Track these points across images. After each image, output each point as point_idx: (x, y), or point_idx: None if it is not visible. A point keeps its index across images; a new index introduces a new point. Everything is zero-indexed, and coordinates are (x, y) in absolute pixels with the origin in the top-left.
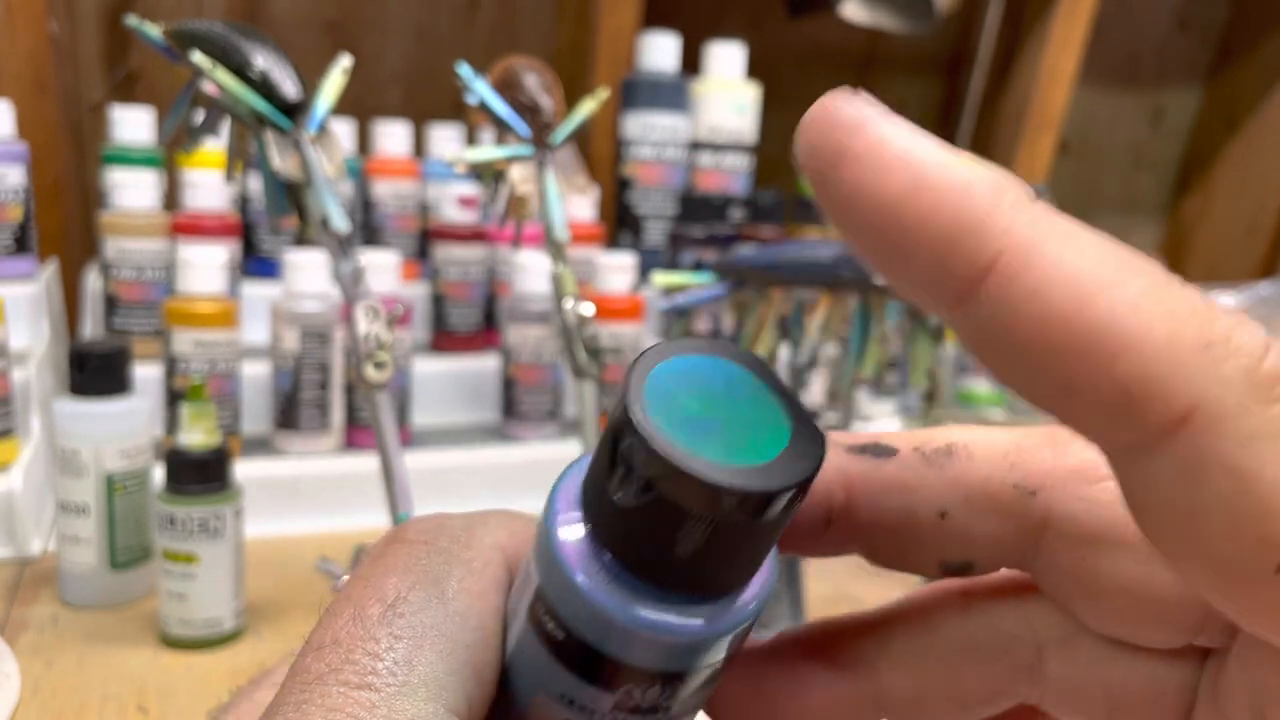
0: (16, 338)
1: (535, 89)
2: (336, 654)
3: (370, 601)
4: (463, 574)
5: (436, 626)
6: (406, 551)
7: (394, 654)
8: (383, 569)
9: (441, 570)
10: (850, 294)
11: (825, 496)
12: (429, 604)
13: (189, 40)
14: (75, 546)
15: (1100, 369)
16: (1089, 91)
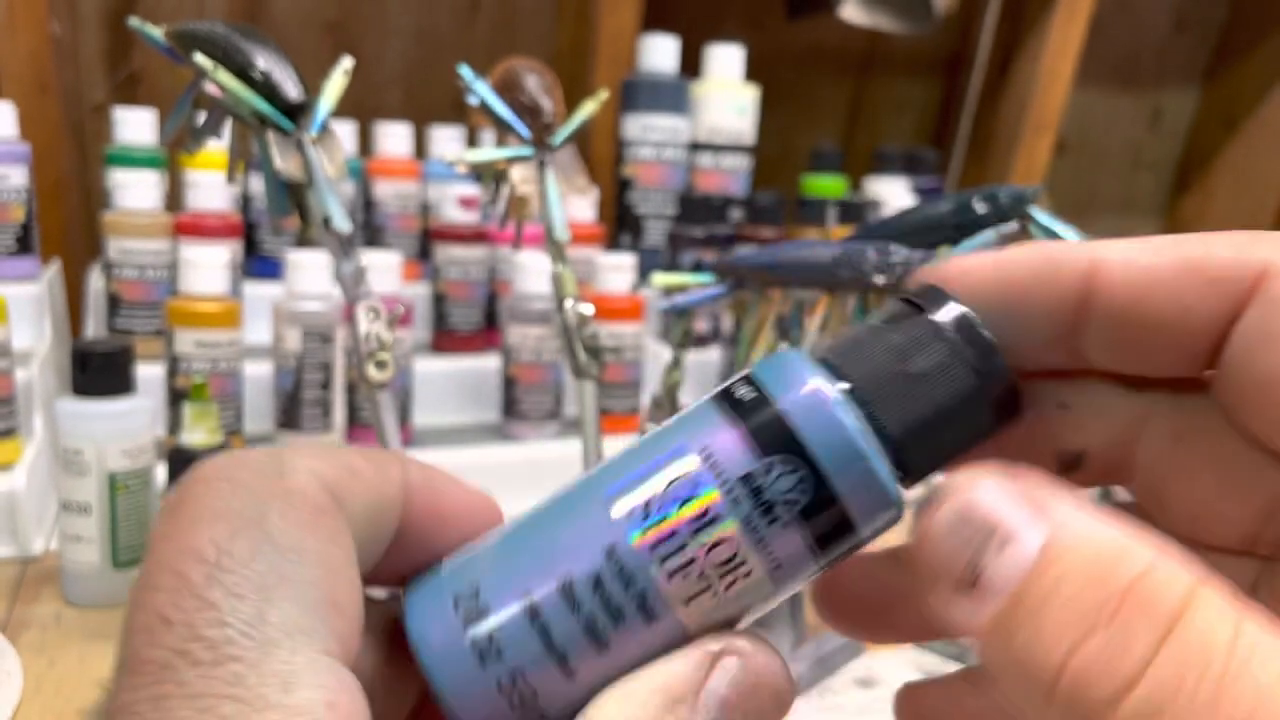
0: (19, 338)
1: (536, 90)
2: (173, 634)
3: (189, 564)
4: (282, 507)
5: (273, 570)
6: (209, 493)
7: (240, 614)
8: (188, 521)
9: (256, 508)
10: (849, 294)
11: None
12: (257, 549)
13: (191, 41)
14: (77, 545)
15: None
16: (1087, 92)
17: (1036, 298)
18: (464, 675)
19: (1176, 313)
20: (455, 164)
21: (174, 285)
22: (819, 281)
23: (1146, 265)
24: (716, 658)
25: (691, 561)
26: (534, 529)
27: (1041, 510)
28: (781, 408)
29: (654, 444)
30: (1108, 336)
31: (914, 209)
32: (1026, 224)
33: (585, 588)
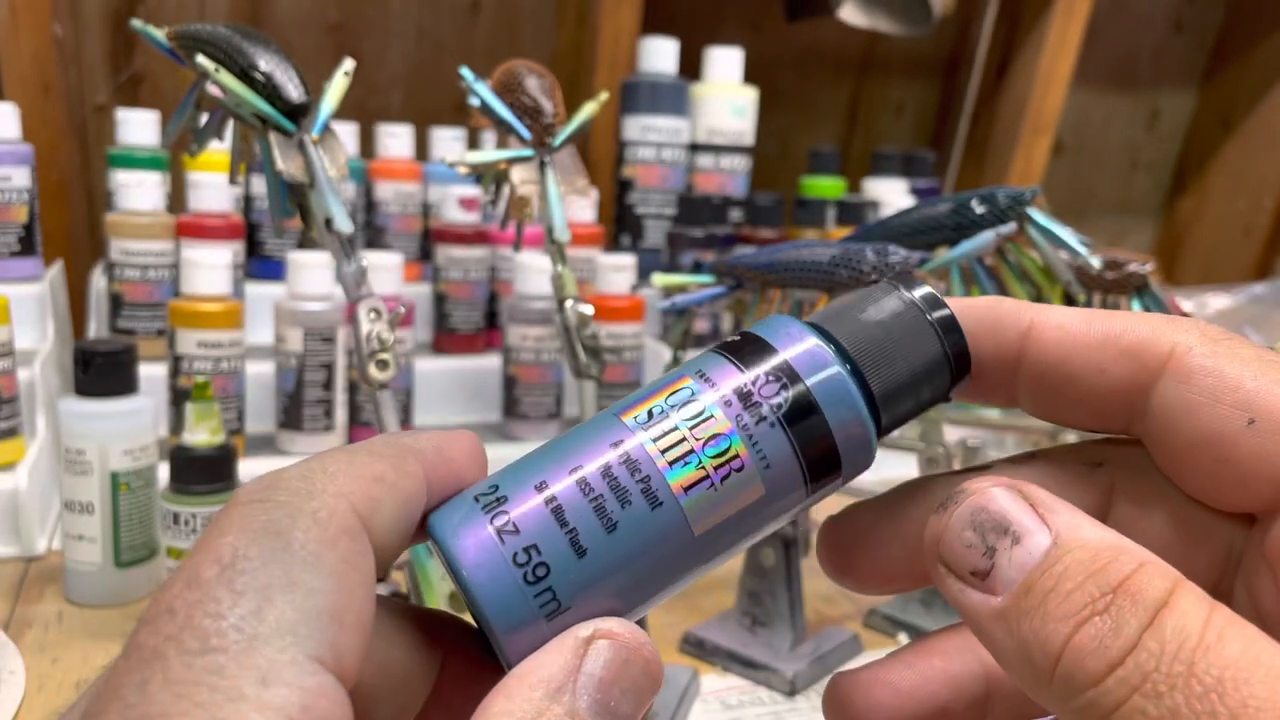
0: (22, 338)
1: (536, 92)
2: (173, 622)
3: (205, 564)
4: (308, 524)
5: (285, 576)
6: (241, 512)
7: (238, 610)
8: (217, 532)
9: (283, 524)
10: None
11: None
12: (273, 557)
13: (193, 43)
14: (80, 545)
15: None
16: (1085, 93)
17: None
18: (481, 550)
19: (1094, 374)
20: (456, 165)
21: (176, 286)
22: (818, 282)
23: (1074, 331)
24: (588, 643)
25: (690, 451)
26: (550, 444)
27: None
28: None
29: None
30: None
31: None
32: (1024, 225)
33: (596, 475)
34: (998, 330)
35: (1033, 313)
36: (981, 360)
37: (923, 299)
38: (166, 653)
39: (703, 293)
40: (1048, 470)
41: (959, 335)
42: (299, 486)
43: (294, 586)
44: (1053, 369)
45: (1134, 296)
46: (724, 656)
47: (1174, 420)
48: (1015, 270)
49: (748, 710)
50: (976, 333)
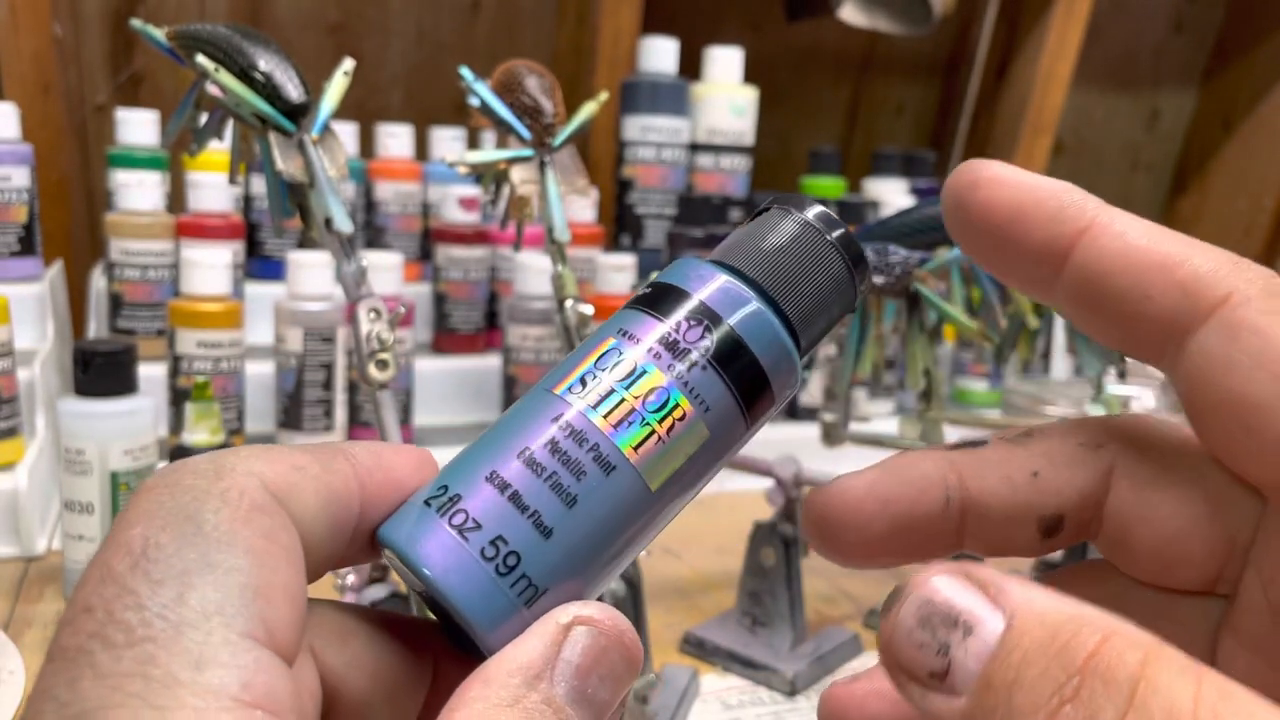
0: (21, 338)
1: (536, 91)
2: (92, 620)
3: (117, 557)
4: (217, 504)
5: (200, 559)
6: (147, 499)
7: (159, 599)
8: (124, 524)
9: (191, 507)
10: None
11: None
12: (186, 541)
13: (193, 43)
14: (80, 545)
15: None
16: (1085, 93)
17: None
18: (447, 552)
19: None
20: (456, 165)
21: (176, 286)
22: None
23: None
24: (567, 629)
25: (631, 410)
26: (487, 433)
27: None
28: (678, 285)
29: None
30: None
31: (912, 210)
32: None
33: (544, 453)
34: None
35: (1096, 211)
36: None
37: (817, 218)
38: (92, 649)
39: None
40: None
41: (857, 248)
42: (205, 469)
43: (212, 567)
44: (1098, 279)
45: None
46: (724, 656)
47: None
48: None
49: (748, 710)
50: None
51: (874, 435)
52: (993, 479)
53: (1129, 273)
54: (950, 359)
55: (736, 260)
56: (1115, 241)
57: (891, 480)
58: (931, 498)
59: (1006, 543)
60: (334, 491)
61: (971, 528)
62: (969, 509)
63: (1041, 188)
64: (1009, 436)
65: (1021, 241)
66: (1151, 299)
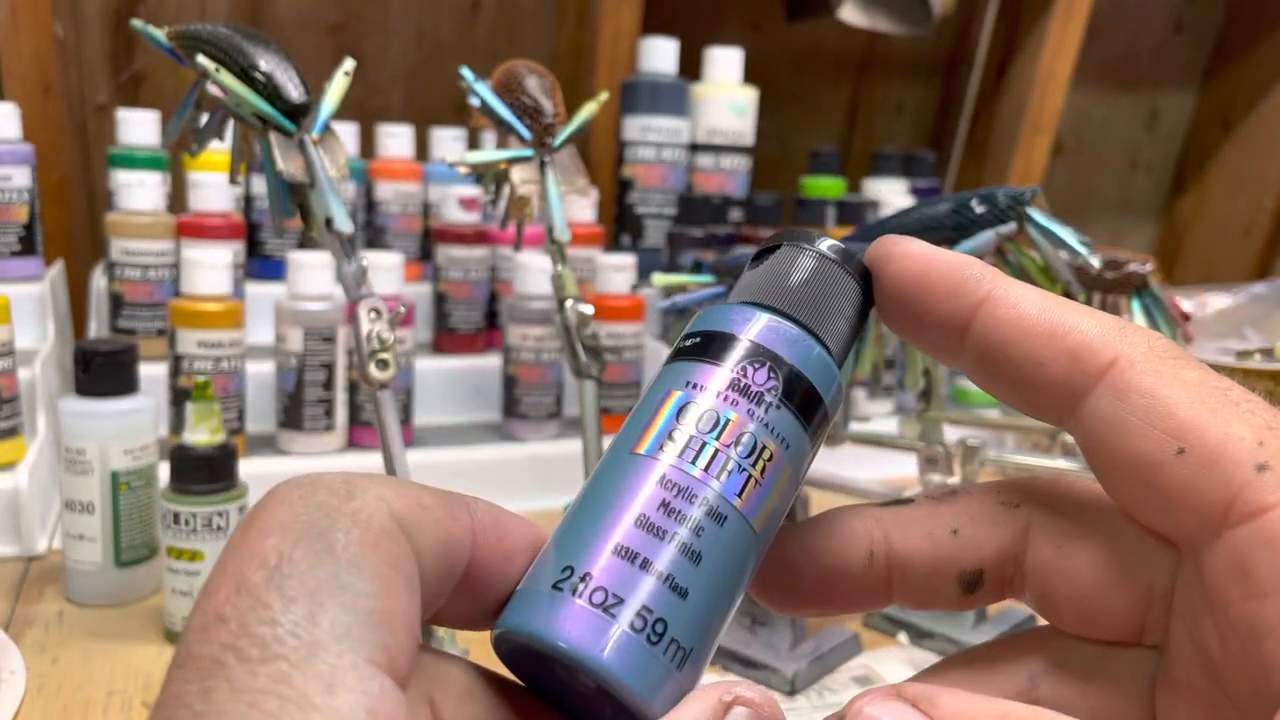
0: (22, 337)
1: (536, 92)
2: (226, 631)
3: (251, 568)
4: (348, 525)
5: (332, 579)
6: (281, 512)
7: (291, 615)
8: (257, 533)
9: (324, 524)
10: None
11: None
12: (318, 559)
13: (193, 43)
14: (80, 544)
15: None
16: (1085, 93)
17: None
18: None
19: (1032, 365)
20: (456, 165)
21: (177, 286)
22: None
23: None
24: (729, 707)
25: (727, 460)
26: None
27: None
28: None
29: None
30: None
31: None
32: (1024, 224)
33: (660, 516)
34: (956, 294)
35: (993, 284)
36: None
37: (831, 250)
38: (226, 660)
39: (703, 292)
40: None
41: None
42: (338, 487)
43: (342, 589)
44: (995, 348)
45: (1134, 296)
46: (724, 656)
47: (1104, 434)
48: (1015, 270)
49: None
50: (936, 290)
51: (874, 435)
52: (915, 535)
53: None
54: None
55: (770, 299)
56: (1010, 312)
57: (818, 535)
58: (856, 554)
59: (930, 597)
60: (452, 537)
61: (897, 582)
62: (894, 564)
63: (946, 262)
64: (935, 495)
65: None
66: (1044, 366)
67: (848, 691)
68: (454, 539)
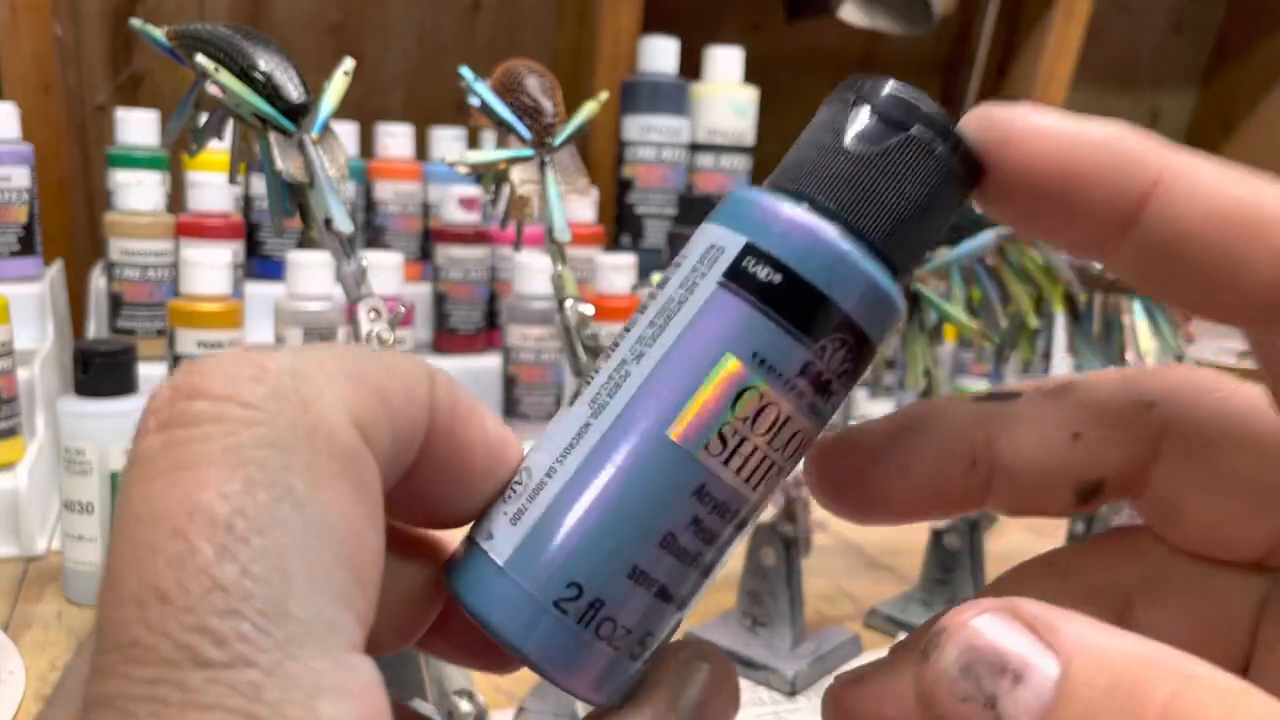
0: (21, 338)
1: (536, 91)
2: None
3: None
4: (309, 454)
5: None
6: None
7: (255, 602)
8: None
9: (278, 457)
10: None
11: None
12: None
13: (193, 42)
14: (79, 545)
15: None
16: (1085, 93)
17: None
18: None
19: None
20: (456, 165)
21: (176, 285)
22: None
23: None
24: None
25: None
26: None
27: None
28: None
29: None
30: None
31: None
32: None
33: (689, 536)
34: (1120, 176)
35: (1167, 160)
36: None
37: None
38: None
39: None
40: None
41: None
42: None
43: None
44: (1175, 243)
45: (1135, 296)
46: None
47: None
48: (1016, 270)
49: (748, 710)
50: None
51: None
52: (1027, 441)
53: (1214, 237)
54: (950, 359)
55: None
56: (1193, 200)
57: (913, 435)
58: (957, 458)
59: (1035, 505)
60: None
61: (998, 490)
62: (996, 471)
63: (1094, 137)
64: (1046, 389)
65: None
66: (1244, 268)
67: None
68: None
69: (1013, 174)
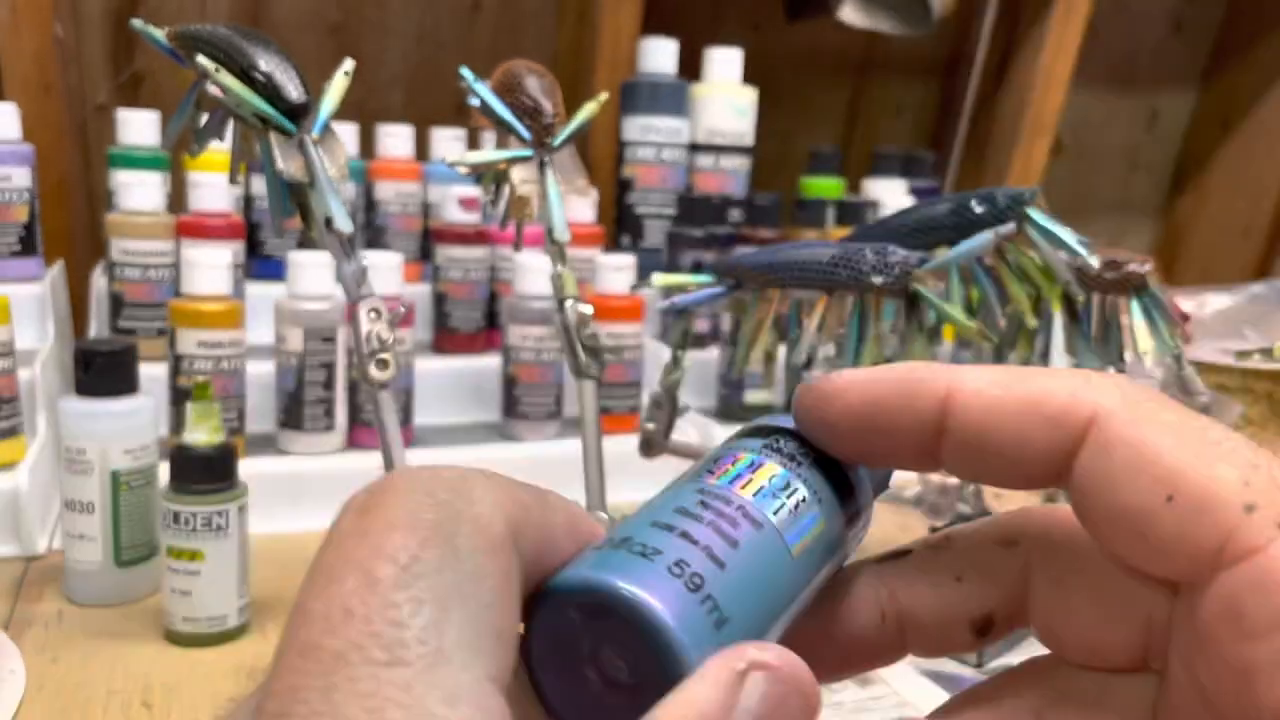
0: (22, 338)
1: (536, 92)
2: (353, 626)
3: (379, 563)
4: (470, 530)
5: (456, 588)
6: (405, 503)
7: (419, 620)
8: (384, 524)
9: (448, 526)
10: (847, 294)
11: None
12: (445, 563)
13: (193, 43)
14: (80, 544)
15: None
16: (1084, 94)
17: (901, 418)
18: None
19: (1017, 444)
20: (456, 165)
21: (177, 285)
22: (817, 282)
23: (993, 399)
24: (743, 675)
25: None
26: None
27: None
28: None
29: None
30: (960, 456)
31: (912, 210)
32: (1023, 225)
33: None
34: (914, 401)
35: (948, 378)
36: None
37: None
38: (351, 660)
39: (702, 293)
40: (965, 552)
41: None
42: (457, 485)
43: (466, 599)
44: (975, 438)
45: (1133, 296)
46: None
47: (1094, 491)
48: (1015, 270)
49: None
50: (890, 405)
51: None
52: (921, 589)
53: (1002, 424)
54: (949, 359)
55: None
56: (978, 400)
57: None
58: (867, 618)
59: (944, 644)
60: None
61: (910, 634)
62: (905, 620)
63: (887, 377)
64: (932, 543)
65: (892, 429)
66: (1029, 442)
67: (847, 691)
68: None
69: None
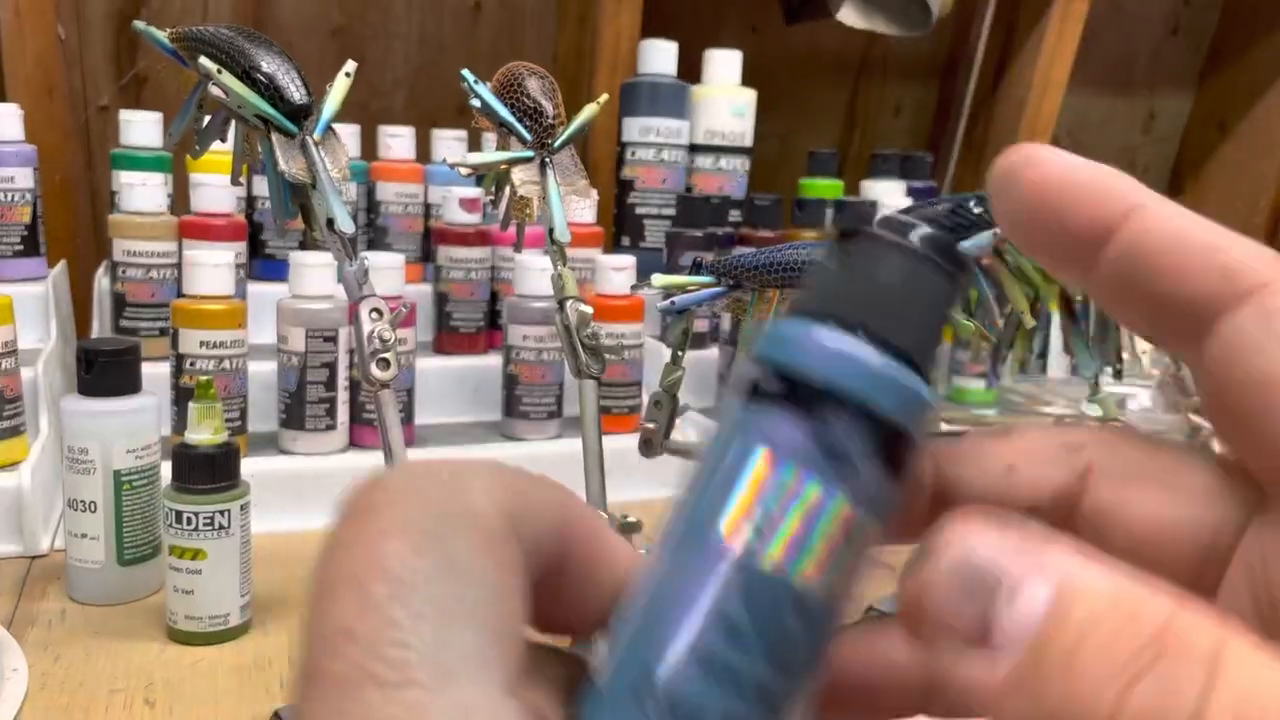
0: (25, 337)
1: (537, 93)
2: (356, 649)
3: (374, 578)
4: (466, 528)
5: (453, 594)
6: (396, 508)
7: (421, 637)
8: (375, 533)
9: (441, 529)
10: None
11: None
12: (440, 571)
13: (196, 45)
14: (83, 543)
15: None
16: (1082, 95)
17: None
18: None
19: (1176, 276)
20: (458, 166)
21: (179, 286)
22: None
23: (1179, 227)
24: None
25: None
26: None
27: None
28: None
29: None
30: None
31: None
32: None
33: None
34: (1104, 200)
35: (1144, 195)
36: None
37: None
38: (362, 684)
39: (702, 293)
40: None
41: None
42: (449, 482)
43: (468, 606)
44: (1140, 256)
45: None
46: None
47: (1238, 352)
48: (1013, 270)
49: None
50: (1084, 193)
51: None
52: (967, 470)
53: (1172, 252)
54: (947, 358)
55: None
56: (1161, 223)
57: None
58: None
59: None
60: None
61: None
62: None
63: (1092, 168)
64: (990, 432)
65: (1069, 217)
66: (1191, 278)
67: None
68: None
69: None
